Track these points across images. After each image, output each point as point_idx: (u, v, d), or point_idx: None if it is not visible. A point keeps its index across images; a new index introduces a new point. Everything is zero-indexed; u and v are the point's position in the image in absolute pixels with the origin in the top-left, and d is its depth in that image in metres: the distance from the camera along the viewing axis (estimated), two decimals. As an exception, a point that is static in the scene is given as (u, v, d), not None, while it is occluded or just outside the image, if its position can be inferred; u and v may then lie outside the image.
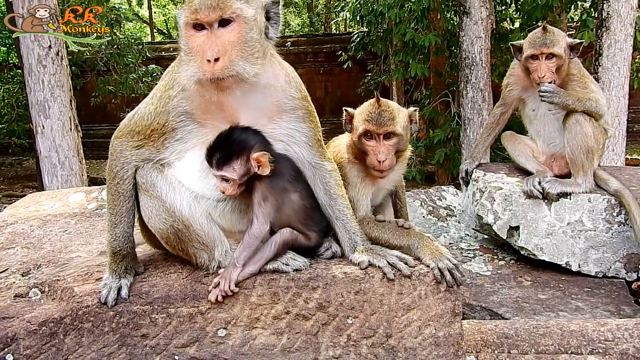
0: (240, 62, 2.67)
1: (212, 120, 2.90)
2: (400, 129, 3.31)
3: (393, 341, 2.88)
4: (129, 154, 2.94)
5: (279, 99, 2.97)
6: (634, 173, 5.14)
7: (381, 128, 3.28)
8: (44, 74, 9.37)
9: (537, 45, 4.47)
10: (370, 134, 3.32)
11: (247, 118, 2.91)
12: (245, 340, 2.87)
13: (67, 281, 3.08)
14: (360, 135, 3.34)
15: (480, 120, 10.76)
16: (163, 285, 2.94)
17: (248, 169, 2.86)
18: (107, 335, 2.86)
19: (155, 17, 27.93)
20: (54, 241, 4.08)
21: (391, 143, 3.31)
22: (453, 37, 12.61)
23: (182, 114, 2.87)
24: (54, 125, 9.55)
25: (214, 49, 2.62)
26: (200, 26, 2.68)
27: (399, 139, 3.33)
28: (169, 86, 2.89)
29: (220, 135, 2.84)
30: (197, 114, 2.89)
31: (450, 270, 2.91)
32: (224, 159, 2.82)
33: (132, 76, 13.79)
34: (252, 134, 2.88)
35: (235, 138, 2.83)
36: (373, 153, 3.30)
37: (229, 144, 2.82)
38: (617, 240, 4.48)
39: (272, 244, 2.91)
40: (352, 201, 3.31)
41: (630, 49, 9.56)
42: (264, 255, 2.89)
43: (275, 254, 2.92)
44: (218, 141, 2.83)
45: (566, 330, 3.43)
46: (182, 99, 2.86)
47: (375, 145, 3.31)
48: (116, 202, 2.97)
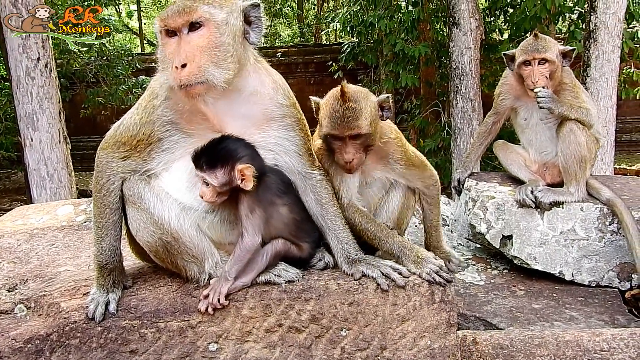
0: (210, 68, 2.62)
1: (197, 129, 2.86)
2: (366, 128, 3.07)
3: (388, 353, 2.84)
4: (115, 165, 2.89)
5: (266, 106, 2.93)
6: (625, 182, 5.15)
7: (345, 131, 3.05)
8: (33, 86, 9.30)
9: (529, 51, 4.48)
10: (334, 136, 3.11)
11: (234, 127, 2.86)
12: (237, 355, 2.81)
13: (54, 296, 3.02)
14: (325, 136, 3.15)
15: (470, 130, 10.79)
16: (152, 299, 2.88)
17: (231, 179, 2.80)
18: (94, 352, 2.79)
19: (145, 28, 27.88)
20: (41, 255, 4.02)
21: (358, 142, 3.09)
22: (443, 47, 12.68)
23: (167, 123, 2.83)
24: (43, 138, 9.46)
25: (181, 55, 2.59)
26: (172, 32, 2.65)
27: (366, 137, 3.10)
28: (153, 96, 2.85)
29: (213, 140, 2.79)
30: (182, 123, 2.85)
31: (436, 273, 2.87)
32: (209, 164, 2.77)
33: (121, 87, 13.69)
34: (242, 146, 2.83)
35: (225, 146, 2.79)
36: (339, 153, 3.11)
37: (217, 150, 2.77)
38: (610, 249, 4.46)
39: (264, 255, 2.87)
40: (336, 190, 3.24)
41: (617, 60, 9.64)
42: (256, 266, 2.85)
43: (267, 265, 2.87)
44: (208, 145, 2.78)
45: (561, 340, 3.39)
46: (166, 108, 2.82)
47: (341, 146, 3.10)
48: (102, 215, 2.91)
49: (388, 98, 3.26)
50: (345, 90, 3.07)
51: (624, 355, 3.31)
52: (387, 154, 3.41)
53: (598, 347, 3.35)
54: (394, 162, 3.43)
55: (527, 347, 3.38)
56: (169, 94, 2.74)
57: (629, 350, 3.32)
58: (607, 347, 3.34)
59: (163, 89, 2.77)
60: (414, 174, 3.49)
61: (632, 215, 4.26)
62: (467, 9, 10.30)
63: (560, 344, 3.36)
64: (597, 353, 3.33)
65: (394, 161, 3.43)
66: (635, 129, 19.31)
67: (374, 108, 3.18)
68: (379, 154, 3.39)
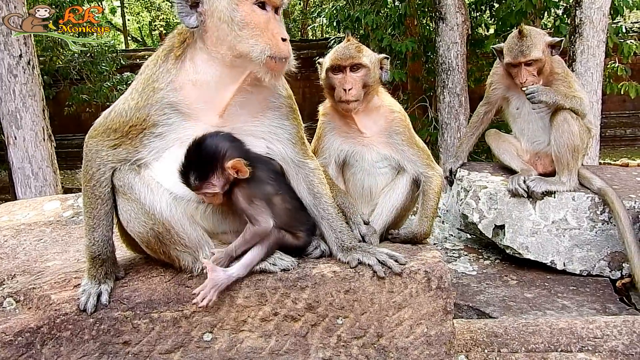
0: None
1: (197, 112, 2.81)
2: (366, 61, 3.35)
3: (384, 341, 2.81)
4: (105, 154, 2.82)
5: (265, 95, 2.91)
6: (615, 172, 5.19)
7: (347, 60, 3.33)
8: (15, 83, 9.17)
9: (514, 55, 4.45)
10: (337, 67, 3.35)
11: (232, 113, 2.84)
12: (232, 344, 2.78)
13: (44, 289, 2.95)
14: (328, 71, 3.39)
15: (457, 125, 10.80)
16: (145, 290, 2.83)
17: (227, 177, 2.77)
18: (87, 344, 2.73)
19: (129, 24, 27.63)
20: (28, 250, 3.95)
21: (358, 75, 3.35)
22: (429, 42, 12.66)
23: (166, 106, 2.77)
24: (27, 136, 9.34)
25: (284, 31, 2.75)
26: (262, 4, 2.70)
27: (366, 72, 3.36)
28: (153, 79, 2.79)
29: (189, 151, 2.73)
30: (184, 105, 2.79)
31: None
32: (200, 177, 2.72)
33: (106, 84, 13.53)
34: (221, 141, 2.77)
35: (205, 151, 2.73)
36: (339, 84, 3.34)
37: (200, 159, 2.72)
38: (601, 238, 4.49)
39: (262, 246, 2.81)
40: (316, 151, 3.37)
41: (602, 55, 9.70)
42: (254, 258, 2.79)
43: (265, 256, 2.83)
44: (189, 159, 2.72)
45: (555, 328, 3.40)
46: (170, 90, 2.77)
47: (342, 77, 3.35)
48: (93, 206, 2.85)
49: (387, 59, 3.53)
50: (350, 36, 3.47)
51: (617, 342, 3.32)
52: (390, 126, 3.46)
53: (592, 334, 3.36)
54: (396, 135, 3.46)
55: (522, 335, 3.38)
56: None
57: (622, 337, 3.34)
58: (600, 334, 3.36)
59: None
60: (416, 154, 3.46)
61: (623, 204, 4.28)
62: (453, 3, 10.30)
63: (554, 331, 3.37)
64: (590, 340, 3.34)
65: (396, 134, 3.46)
66: (619, 124, 19.50)
67: (375, 58, 3.48)
68: (382, 124, 3.46)
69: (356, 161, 3.50)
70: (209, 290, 2.69)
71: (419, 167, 3.44)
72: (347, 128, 3.47)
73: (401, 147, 3.44)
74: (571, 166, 4.46)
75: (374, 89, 3.46)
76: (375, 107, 3.48)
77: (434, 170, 3.46)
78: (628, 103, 18.23)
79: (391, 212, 3.43)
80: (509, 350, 3.33)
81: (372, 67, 3.38)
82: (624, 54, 11.31)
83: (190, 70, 2.78)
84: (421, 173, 3.44)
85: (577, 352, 3.30)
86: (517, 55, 4.43)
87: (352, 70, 3.34)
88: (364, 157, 3.48)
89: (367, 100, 3.43)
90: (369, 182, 3.50)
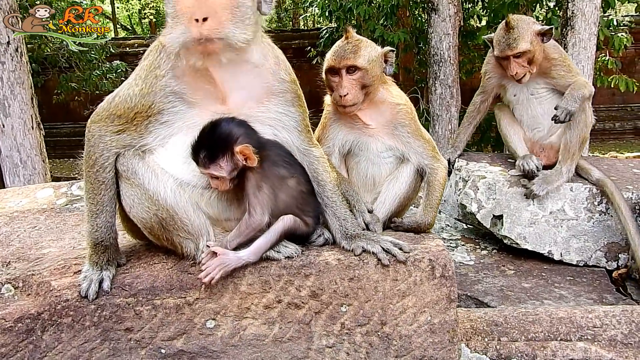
0: (230, 25, 2.53)
1: (202, 100, 2.77)
2: (363, 62, 3.25)
3: (388, 329, 2.81)
4: (109, 139, 2.77)
5: (268, 80, 2.87)
6: (612, 164, 5.22)
7: (341, 62, 3.26)
8: (3, 70, 9.05)
9: (502, 48, 4.43)
10: (334, 69, 3.29)
11: (236, 99, 2.80)
12: (235, 331, 2.76)
13: (43, 275, 2.91)
14: (326, 72, 3.34)
15: (448, 117, 10.82)
16: (147, 276, 2.81)
17: (236, 163, 2.75)
18: (88, 330, 2.72)
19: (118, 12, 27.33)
20: (23, 238, 3.89)
21: (354, 77, 3.27)
22: (421, 34, 12.65)
23: (170, 94, 2.74)
24: (15, 124, 9.23)
25: (202, 8, 2.49)
26: None
27: (363, 73, 3.27)
28: (155, 65, 2.74)
29: (203, 130, 2.71)
30: (187, 93, 2.76)
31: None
32: (209, 157, 2.70)
33: (95, 73, 13.31)
34: (235, 126, 2.75)
35: (218, 133, 2.71)
36: (336, 88, 3.28)
37: (213, 140, 2.70)
38: (598, 229, 4.51)
39: (274, 232, 2.79)
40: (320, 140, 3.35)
41: (594, 48, 9.74)
42: (266, 244, 2.77)
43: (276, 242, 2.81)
44: (201, 138, 2.71)
45: (555, 317, 3.42)
46: (172, 77, 2.72)
47: (338, 81, 3.28)
48: (96, 192, 2.80)
49: (392, 52, 3.42)
50: (350, 31, 3.35)
51: (616, 332, 3.35)
52: (395, 118, 3.43)
53: (591, 323, 3.38)
54: (401, 127, 3.43)
55: (522, 323, 3.40)
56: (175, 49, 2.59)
57: (620, 326, 3.37)
58: (599, 323, 3.38)
59: (169, 44, 2.61)
60: (421, 146, 3.44)
61: (622, 195, 4.30)
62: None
63: (554, 320, 3.39)
64: (590, 329, 3.36)
65: (401, 126, 3.43)
66: (608, 118, 19.61)
67: (376, 54, 3.36)
68: (387, 116, 3.42)
69: (361, 151, 3.47)
70: (214, 268, 2.68)
71: (425, 159, 3.43)
72: (352, 120, 3.44)
73: (407, 139, 3.42)
74: (576, 156, 4.47)
75: (375, 87, 3.38)
76: (381, 100, 3.43)
77: (439, 162, 3.44)
78: (617, 96, 18.34)
79: (394, 201, 3.41)
80: (509, 339, 3.34)
81: (370, 67, 3.29)
82: (615, 47, 11.37)
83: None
84: (426, 165, 3.42)
85: (577, 341, 3.32)
86: (504, 48, 4.41)
87: (348, 73, 3.28)
88: (369, 147, 3.45)
89: (370, 97, 3.38)
90: (373, 171, 3.48)
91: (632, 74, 13.91)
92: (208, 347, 2.75)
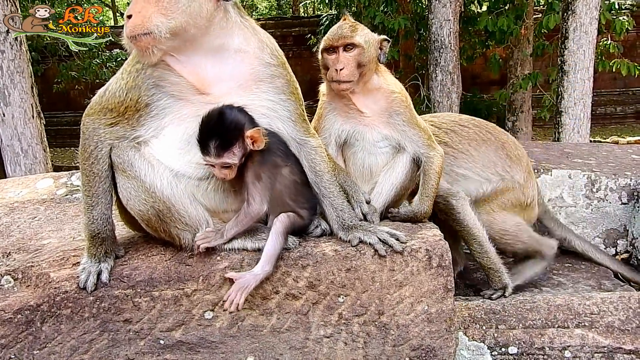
0: (155, 18, 2.54)
1: (183, 92, 2.76)
2: (360, 40, 3.30)
3: (385, 318, 2.83)
4: (103, 132, 2.78)
5: (253, 66, 2.84)
6: (611, 150, 5.22)
7: (339, 40, 3.30)
8: (3, 59, 9.06)
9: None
10: (330, 47, 3.33)
11: (221, 88, 2.79)
12: (234, 322, 2.78)
13: (42, 267, 2.93)
14: (322, 52, 3.37)
15: (449, 103, 10.80)
16: (145, 268, 2.82)
17: (245, 148, 2.74)
18: (87, 322, 2.73)
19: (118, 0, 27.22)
20: (23, 228, 3.90)
21: (351, 54, 3.30)
22: (422, 20, 12.62)
23: (152, 87, 2.73)
24: (15, 113, 9.24)
25: (133, 5, 2.53)
26: None
27: (360, 51, 3.30)
28: (136, 59, 2.75)
29: (210, 118, 2.68)
30: (167, 86, 2.75)
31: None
32: (224, 145, 2.67)
33: (95, 61, 13.33)
34: (239, 112, 2.75)
35: (228, 120, 2.68)
36: (332, 64, 3.31)
37: (223, 127, 2.67)
38: (597, 216, 4.52)
39: (277, 235, 2.77)
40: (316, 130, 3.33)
41: (595, 32, 9.71)
42: (274, 249, 2.74)
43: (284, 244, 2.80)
44: (209, 127, 2.67)
45: (553, 304, 3.44)
46: (150, 70, 2.72)
47: (334, 57, 3.32)
48: (92, 184, 2.81)
49: (387, 42, 3.48)
50: (347, 16, 3.46)
51: (613, 318, 3.37)
52: (390, 106, 3.43)
53: (588, 310, 3.40)
54: (396, 115, 3.42)
55: (519, 311, 3.42)
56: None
57: (618, 313, 3.39)
58: (597, 310, 3.40)
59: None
60: (417, 134, 3.42)
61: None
62: (446, -20, 10.25)
63: (551, 308, 3.41)
64: (587, 316, 3.38)
65: (396, 115, 3.42)
66: (610, 102, 19.57)
67: (373, 37, 3.42)
68: (382, 104, 3.43)
69: (357, 140, 3.47)
70: (236, 294, 2.67)
71: (420, 148, 3.42)
72: (347, 108, 3.44)
73: (402, 127, 3.41)
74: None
75: (370, 69, 3.39)
76: (376, 88, 3.43)
77: (435, 150, 3.44)
78: (619, 81, 18.31)
79: (391, 191, 3.41)
80: (506, 327, 3.36)
81: (366, 47, 3.32)
82: (617, 30, 11.33)
83: None
84: (422, 153, 3.41)
85: (574, 328, 3.35)
86: None
87: (345, 50, 3.30)
88: (364, 137, 3.45)
89: (364, 80, 3.38)
90: (369, 161, 3.47)
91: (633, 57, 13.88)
92: (206, 338, 2.77)
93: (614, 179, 4.48)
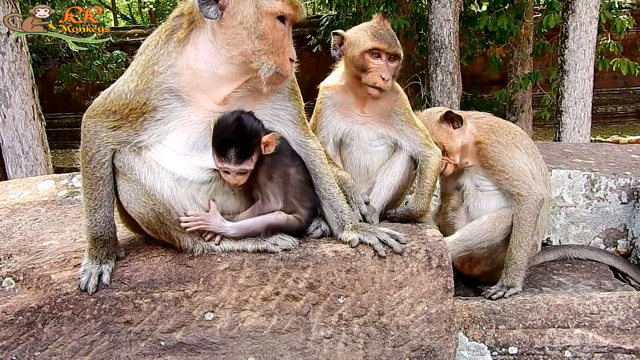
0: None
1: (197, 99, 2.78)
2: (402, 54, 3.32)
3: (385, 319, 2.84)
4: (105, 135, 2.76)
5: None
6: (611, 150, 5.22)
7: (391, 48, 3.26)
8: (4, 61, 9.09)
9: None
10: (379, 52, 3.26)
11: (234, 96, 2.82)
12: (234, 323, 2.79)
13: (43, 269, 2.94)
14: (365, 52, 3.27)
15: (449, 103, 10.79)
16: (146, 270, 2.83)
17: (260, 153, 2.81)
18: (88, 323, 2.74)
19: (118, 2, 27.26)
20: (24, 230, 3.91)
21: (394, 65, 3.31)
22: (422, 20, 12.62)
23: (166, 91, 2.73)
24: (16, 115, 9.28)
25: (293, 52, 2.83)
26: (282, 18, 2.72)
27: (399, 64, 3.34)
28: (153, 61, 2.73)
29: (228, 125, 2.72)
30: (184, 91, 2.76)
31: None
32: (243, 153, 2.73)
33: (96, 62, 13.35)
34: (254, 118, 2.82)
35: (248, 128, 2.75)
36: (377, 71, 3.25)
37: (245, 135, 2.73)
38: (597, 215, 4.52)
39: (261, 221, 2.85)
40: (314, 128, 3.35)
41: (595, 32, 9.70)
42: (249, 226, 2.84)
43: (262, 231, 2.85)
44: (230, 133, 2.71)
45: (553, 304, 3.45)
46: (170, 75, 2.72)
47: (381, 64, 3.26)
48: (94, 187, 2.81)
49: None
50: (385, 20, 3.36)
51: (613, 318, 3.37)
52: (392, 107, 3.44)
53: (588, 310, 3.40)
54: (395, 115, 3.44)
55: (519, 311, 3.42)
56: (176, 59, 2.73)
57: (618, 312, 3.39)
58: (597, 310, 3.41)
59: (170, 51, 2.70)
60: (414, 133, 3.44)
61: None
62: (446, -20, 10.25)
63: (551, 308, 3.42)
64: (587, 316, 3.39)
65: (396, 115, 3.44)
66: (610, 101, 19.55)
67: None
68: (384, 105, 3.43)
69: (352, 140, 3.48)
70: (195, 220, 2.77)
71: (418, 147, 3.43)
72: (347, 105, 3.44)
73: (400, 126, 3.43)
74: None
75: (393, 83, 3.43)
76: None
77: (432, 149, 3.45)
78: (619, 80, 18.28)
79: (389, 191, 3.42)
80: (507, 327, 3.37)
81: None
82: (617, 29, 11.32)
83: (191, 56, 2.74)
84: (419, 152, 3.43)
85: (574, 328, 3.35)
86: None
87: (390, 60, 3.29)
88: (360, 136, 3.46)
89: None
90: (366, 161, 3.49)
91: (633, 56, 13.88)
92: (207, 339, 2.78)
93: (613, 178, 4.49)
